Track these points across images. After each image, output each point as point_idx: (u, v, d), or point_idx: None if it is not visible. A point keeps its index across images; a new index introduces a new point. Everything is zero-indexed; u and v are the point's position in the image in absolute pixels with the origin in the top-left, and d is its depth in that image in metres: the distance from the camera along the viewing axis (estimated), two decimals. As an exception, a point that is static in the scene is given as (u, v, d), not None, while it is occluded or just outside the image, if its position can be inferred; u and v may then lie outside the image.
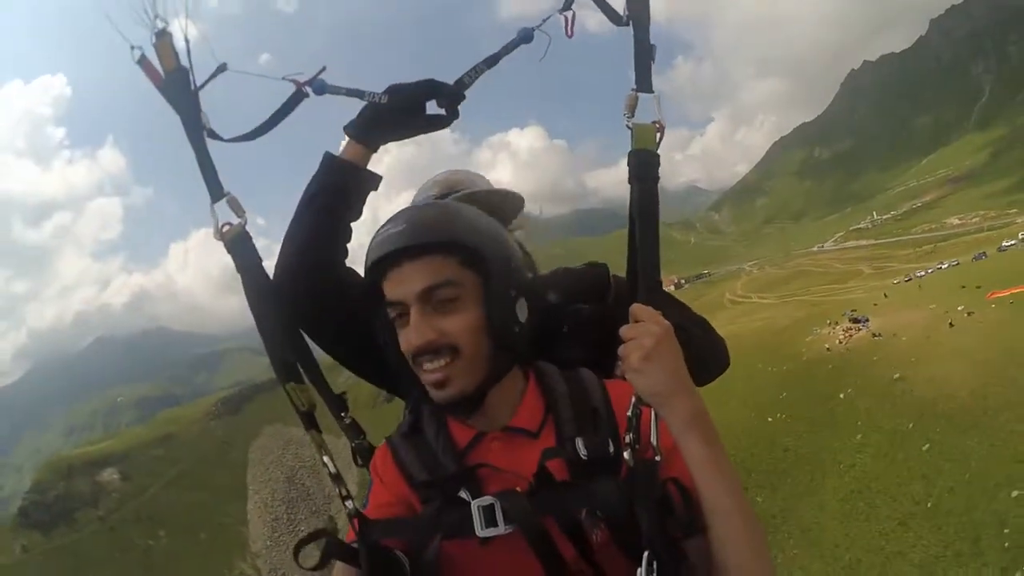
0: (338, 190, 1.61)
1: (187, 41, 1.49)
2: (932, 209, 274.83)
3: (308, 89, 1.57)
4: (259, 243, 1.50)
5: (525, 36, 1.60)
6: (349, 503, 1.33)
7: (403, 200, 2.06)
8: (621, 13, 1.40)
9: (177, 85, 1.50)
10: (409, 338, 1.27)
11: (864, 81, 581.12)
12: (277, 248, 1.59)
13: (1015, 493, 17.15)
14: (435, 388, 1.29)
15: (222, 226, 1.51)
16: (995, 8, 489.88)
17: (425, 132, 1.66)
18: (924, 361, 33.86)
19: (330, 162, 1.62)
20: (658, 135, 1.35)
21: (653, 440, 1.24)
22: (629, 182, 1.35)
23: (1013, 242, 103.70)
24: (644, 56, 1.38)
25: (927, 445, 24.02)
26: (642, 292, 1.30)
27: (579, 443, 1.27)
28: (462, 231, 1.28)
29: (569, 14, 1.55)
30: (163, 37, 1.49)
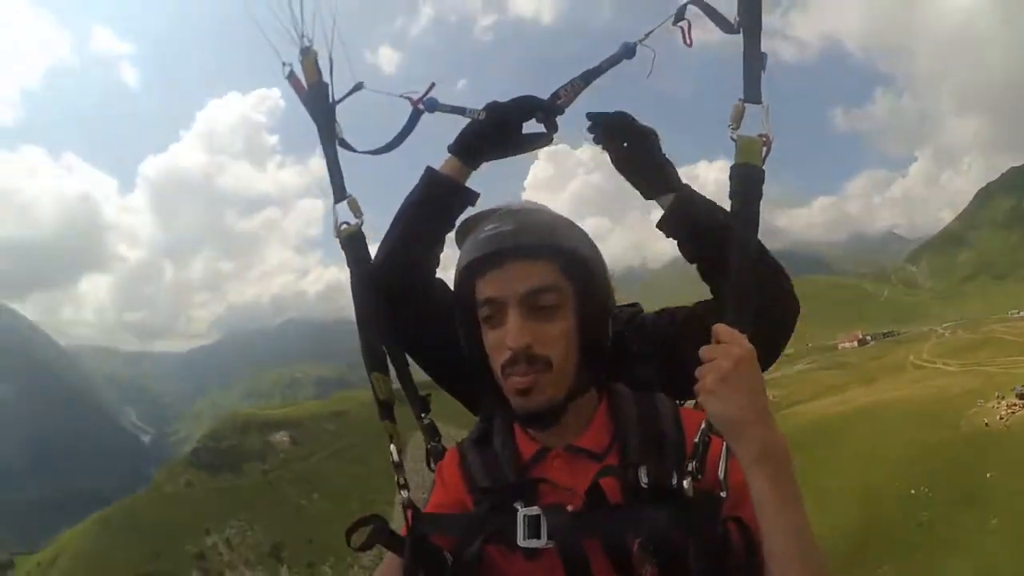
0: (433, 202, 1.66)
1: (331, 60, 1.65)
2: None
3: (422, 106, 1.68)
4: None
5: (627, 51, 1.57)
6: (404, 492, 1.35)
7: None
8: (732, 21, 1.38)
9: (316, 97, 1.66)
10: (505, 340, 1.25)
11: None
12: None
13: None
14: (519, 395, 1.26)
15: (340, 224, 1.64)
16: None
17: (525, 151, 1.71)
18: None
19: (429, 176, 1.68)
20: (764, 149, 1.31)
21: (720, 473, 1.17)
22: (729, 197, 1.31)
23: None
24: (754, 65, 1.34)
25: None
26: (729, 312, 1.24)
27: (641, 471, 1.22)
28: (567, 238, 1.28)
29: (685, 24, 1.50)
30: (307, 54, 1.66)
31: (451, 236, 1.68)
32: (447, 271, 1.55)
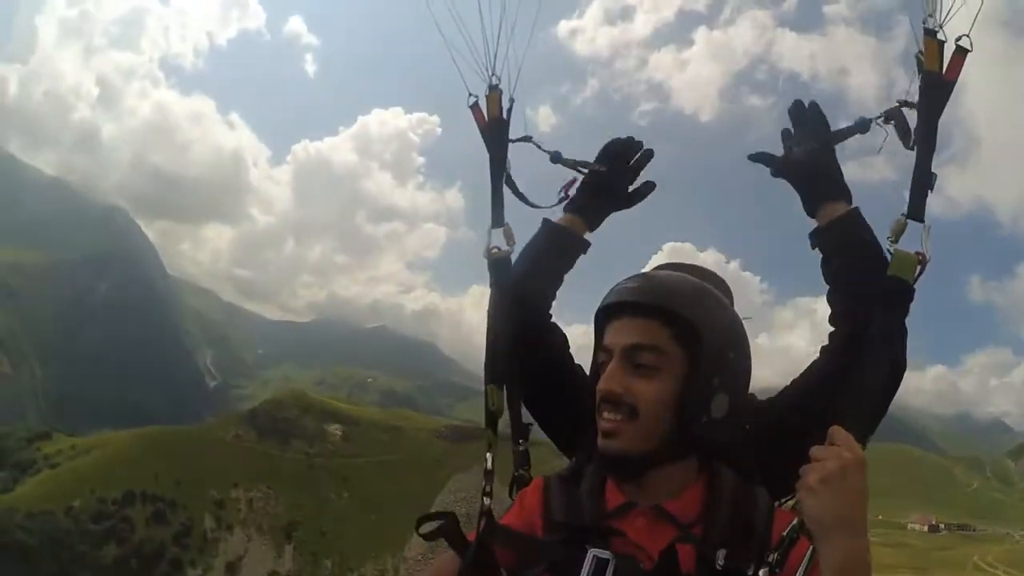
0: (553, 242, 1.88)
1: (512, 100, 1.84)
2: None
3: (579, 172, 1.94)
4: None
5: (862, 125, 1.59)
6: (487, 500, 1.39)
7: None
8: (911, 138, 1.39)
9: (495, 131, 1.84)
10: (600, 381, 1.31)
11: None
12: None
13: None
14: (603, 436, 1.31)
15: (492, 248, 1.80)
16: None
17: (636, 203, 2.00)
18: None
19: (545, 226, 1.93)
20: (919, 268, 1.31)
21: (799, 574, 1.15)
22: (874, 306, 1.32)
23: None
24: (923, 183, 1.34)
25: None
26: (850, 419, 1.23)
27: (720, 552, 1.21)
28: (685, 306, 1.30)
29: (894, 121, 1.51)
30: (494, 91, 1.84)
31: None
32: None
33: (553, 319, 1.94)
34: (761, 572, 1.16)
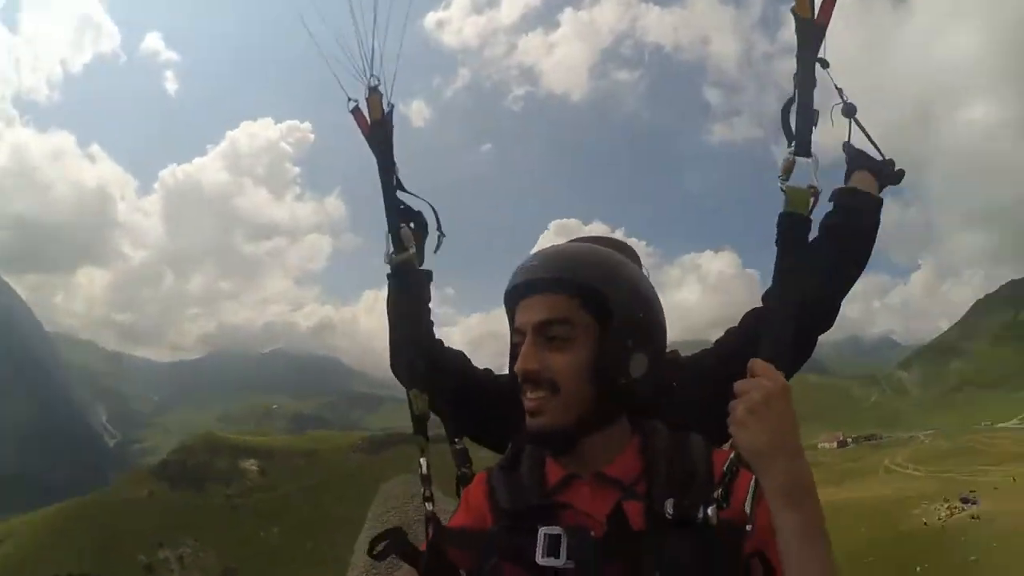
0: (401, 286, 1.84)
1: (392, 105, 1.83)
2: None
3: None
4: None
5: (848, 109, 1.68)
6: (429, 505, 1.42)
7: None
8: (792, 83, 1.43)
9: (380, 134, 1.83)
10: (518, 362, 1.32)
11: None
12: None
13: None
14: (530, 415, 1.32)
15: (391, 252, 1.79)
16: None
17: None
18: (1005, 547, 33.09)
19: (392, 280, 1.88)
20: (812, 200, 1.36)
21: (747, 507, 1.15)
22: (776, 244, 1.36)
23: None
24: (805, 120, 1.40)
25: None
26: (765, 349, 1.26)
27: (668, 502, 1.21)
28: (588, 274, 1.31)
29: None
30: (374, 93, 1.81)
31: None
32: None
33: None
34: (710, 510, 1.17)
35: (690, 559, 1.15)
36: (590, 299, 1.30)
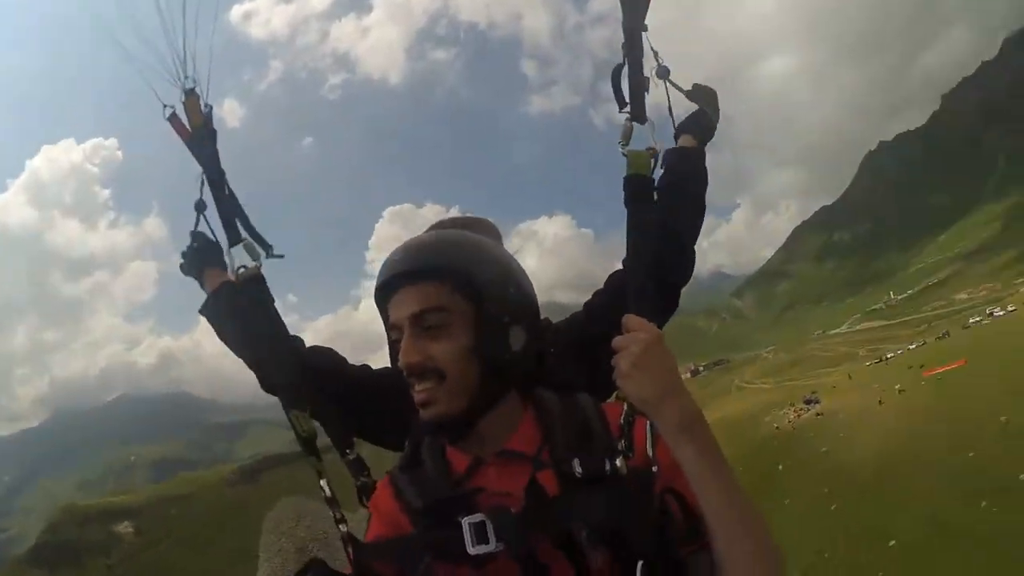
0: (230, 319, 1.76)
1: (210, 106, 1.71)
2: (944, 286, 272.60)
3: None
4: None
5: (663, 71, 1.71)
6: (343, 527, 1.37)
7: None
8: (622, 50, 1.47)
9: (202, 140, 1.70)
10: (400, 358, 1.31)
11: (882, 161, 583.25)
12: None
13: (892, 542, 19.96)
14: (421, 407, 1.32)
15: (238, 268, 1.69)
16: (1005, 75, 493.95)
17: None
18: (849, 436, 38.34)
19: (209, 307, 1.83)
20: (653, 161, 1.44)
21: (649, 451, 1.23)
22: (624, 205, 1.42)
23: (978, 319, 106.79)
24: (638, 88, 1.46)
25: (833, 506, 27.74)
26: (633, 304, 1.35)
27: (575, 462, 1.25)
28: (454, 257, 1.32)
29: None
30: (191, 96, 1.69)
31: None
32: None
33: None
34: (617, 461, 1.21)
35: (610, 510, 1.19)
36: (460, 282, 1.30)
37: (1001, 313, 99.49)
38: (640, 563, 1.12)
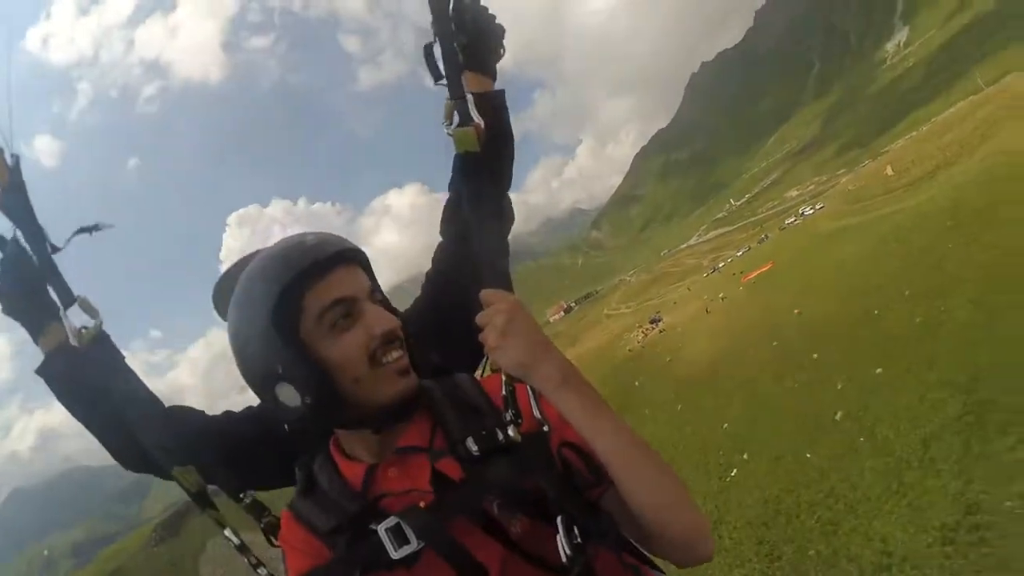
0: (75, 385, 1.55)
1: (16, 157, 1.49)
2: (777, 186, 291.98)
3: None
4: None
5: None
6: (263, 570, 1.34)
7: None
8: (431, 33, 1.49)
9: (13, 196, 1.49)
10: (373, 326, 1.25)
11: (706, 80, 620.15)
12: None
13: (725, 425, 21.78)
14: (403, 375, 1.28)
15: (80, 329, 1.50)
16: None
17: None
18: (685, 344, 45.02)
19: (46, 374, 1.54)
20: (477, 136, 1.46)
21: (536, 413, 1.25)
22: (459, 185, 1.49)
23: (792, 219, 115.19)
24: (452, 65, 1.48)
25: (680, 407, 29.86)
26: (486, 278, 1.36)
27: (469, 442, 1.24)
28: (352, 246, 1.32)
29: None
30: None
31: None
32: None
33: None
34: (510, 430, 1.23)
35: (515, 476, 1.20)
36: (365, 267, 1.34)
37: (811, 212, 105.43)
38: (559, 518, 1.15)
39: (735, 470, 14.93)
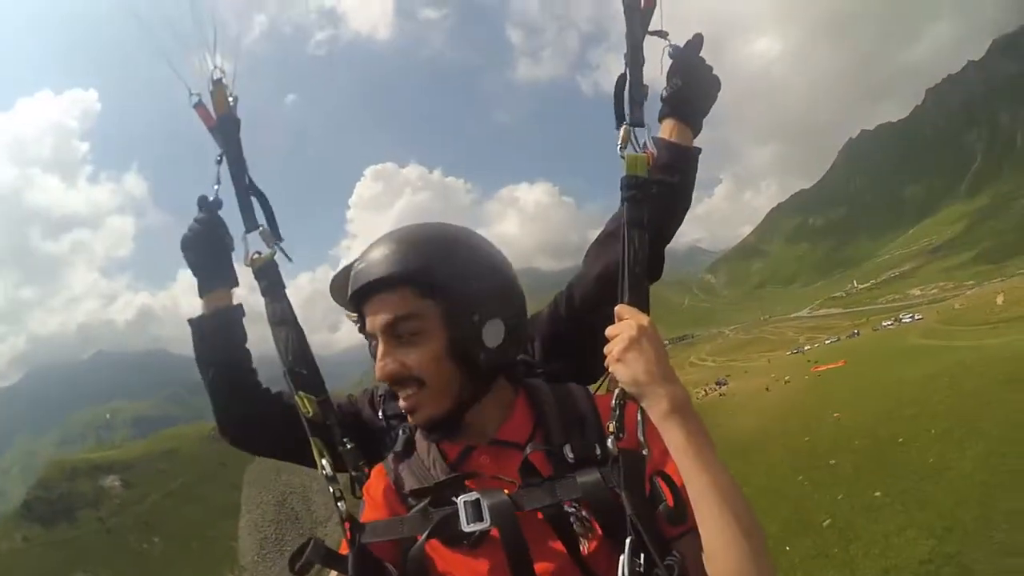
0: (209, 347, 1.78)
1: (236, 98, 1.72)
2: (904, 280, 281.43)
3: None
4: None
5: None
6: (341, 504, 1.35)
7: None
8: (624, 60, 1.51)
9: (227, 128, 1.70)
10: (377, 369, 1.31)
11: (861, 150, 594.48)
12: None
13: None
14: (408, 414, 1.34)
15: (252, 254, 1.68)
16: (989, 77, 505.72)
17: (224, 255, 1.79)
18: (735, 415, 45.25)
19: (194, 327, 1.78)
20: (648, 163, 1.47)
21: (640, 435, 1.23)
22: (622, 202, 1.45)
23: (890, 322, 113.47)
24: (638, 95, 1.50)
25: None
26: (626, 293, 1.35)
27: (566, 448, 1.28)
28: (414, 260, 1.29)
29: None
30: (219, 86, 1.70)
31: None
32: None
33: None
34: (608, 443, 1.23)
35: (601, 487, 1.21)
36: (421, 284, 1.29)
37: (908, 320, 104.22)
38: (628, 539, 1.14)
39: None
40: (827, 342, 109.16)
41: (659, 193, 1.60)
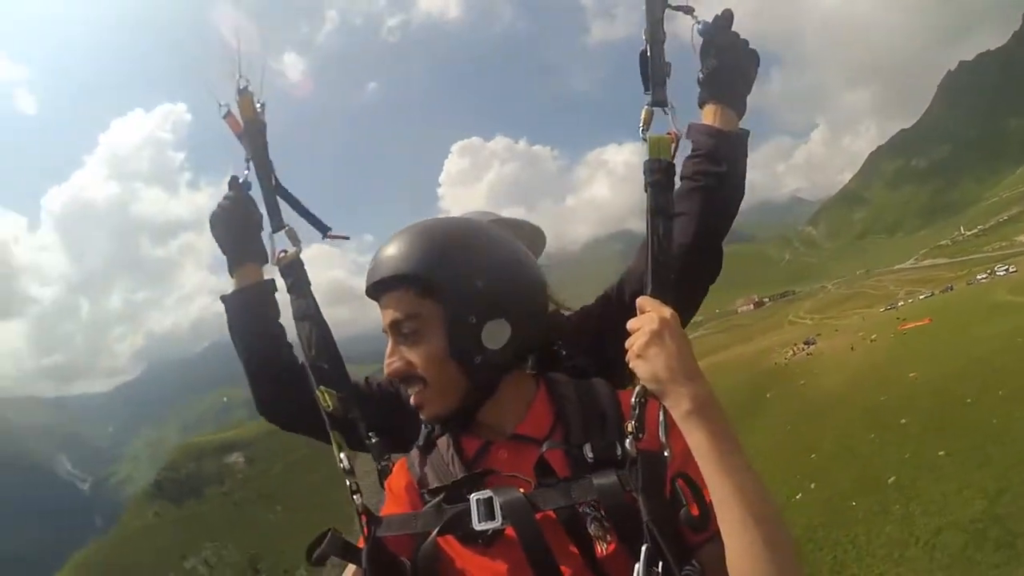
0: (241, 322, 1.84)
1: (263, 104, 1.76)
2: (1013, 224, 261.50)
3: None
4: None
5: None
6: (357, 498, 1.36)
7: (510, 215, 2.23)
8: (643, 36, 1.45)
9: (253, 134, 1.75)
10: (384, 368, 1.35)
11: (961, 82, 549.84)
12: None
13: (813, 455, 22.67)
14: (417, 409, 1.35)
15: (279, 252, 1.72)
16: None
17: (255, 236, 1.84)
18: (822, 373, 45.86)
19: (226, 303, 1.85)
20: (673, 145, 1.39)
21: (661, 435, 1.18)
22: (644, 189, 1.38)
23: (983, 276, 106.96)
24: (658, 74, 1.43)
25: (789, 427, 31.58)
26: (650, 286, 1.30)
27: (586, 447, 1.24)
28: (413, 263, 1.30)
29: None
30: (245, 94, 1.74)
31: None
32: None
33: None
34: (627, 443, 1.19)
35: (618, 490, 1.17)
36: (420, 285, 1.30)
37: (1003, 273, 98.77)
38: (644, 547, 1.09)
39: (799, 494, 16.80)
40: (921, 297, 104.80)
41: (707, 185, 1.57)
